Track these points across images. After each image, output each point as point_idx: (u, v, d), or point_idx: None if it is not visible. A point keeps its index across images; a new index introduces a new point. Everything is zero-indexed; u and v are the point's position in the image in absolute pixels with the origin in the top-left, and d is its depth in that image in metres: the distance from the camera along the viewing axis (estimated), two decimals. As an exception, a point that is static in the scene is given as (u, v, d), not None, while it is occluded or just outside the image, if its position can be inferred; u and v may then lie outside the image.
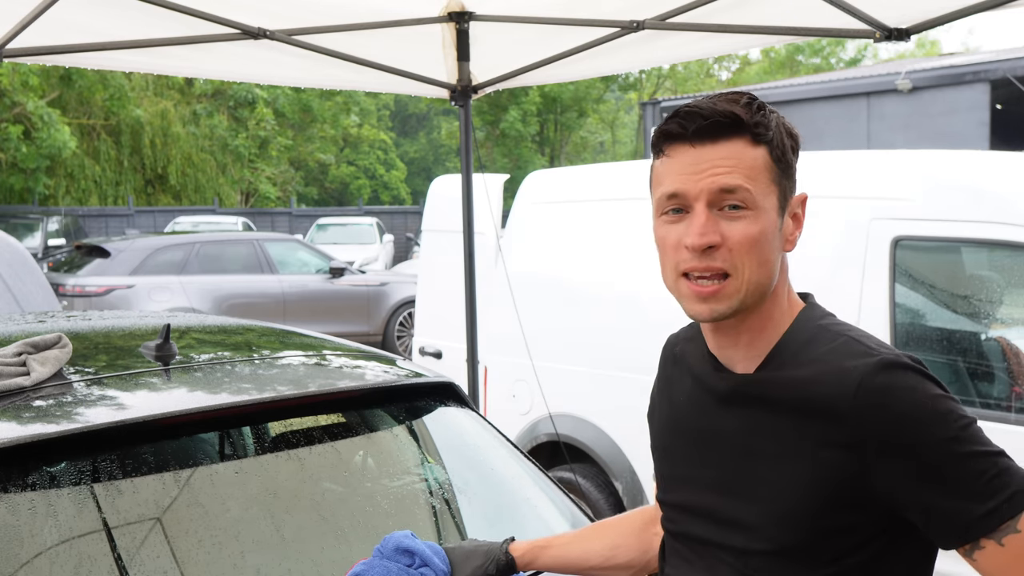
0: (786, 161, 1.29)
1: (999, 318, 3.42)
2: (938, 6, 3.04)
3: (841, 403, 1.20)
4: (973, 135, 13.99)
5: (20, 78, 19.93)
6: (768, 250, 1.26)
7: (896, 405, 1.18)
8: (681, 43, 3.61)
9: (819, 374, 1.23)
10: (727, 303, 1.26)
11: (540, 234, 4.74)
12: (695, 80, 36.38)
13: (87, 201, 23.31)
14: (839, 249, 3.59)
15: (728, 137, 1.25)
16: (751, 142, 1.25)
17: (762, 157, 1.26)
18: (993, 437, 1.22)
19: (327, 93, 28.67)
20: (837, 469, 1.21)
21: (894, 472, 1.19)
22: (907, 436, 1.18)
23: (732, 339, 1.32)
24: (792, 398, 1.25)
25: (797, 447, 1.24)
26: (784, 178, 1.29)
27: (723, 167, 1.24)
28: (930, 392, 1.20)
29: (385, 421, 2.28)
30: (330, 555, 1.92)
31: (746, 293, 1.26)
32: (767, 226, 1.25)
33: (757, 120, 1.25)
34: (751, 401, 1.29)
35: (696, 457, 1.36)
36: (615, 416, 4.22)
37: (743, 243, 1.24)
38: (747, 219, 1.24)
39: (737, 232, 1.24)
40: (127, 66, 3.73)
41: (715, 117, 1.24)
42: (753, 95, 1.29)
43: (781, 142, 1.28)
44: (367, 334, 11.09)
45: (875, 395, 1.18)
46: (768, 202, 1.26)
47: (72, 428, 1.75)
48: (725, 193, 1.24)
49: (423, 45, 3.78)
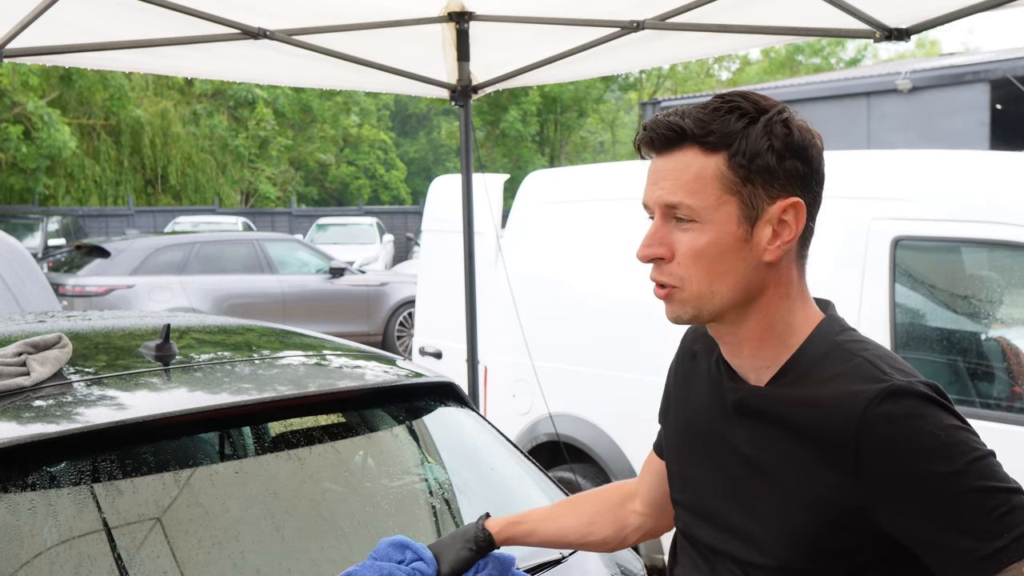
0: (755, 167, 1.21)
1: (999, 318, 3.42)
2: (938, 6, 3.04)
3: (845, 429, 1.17)
4: (973, 135, 13.99)
5: (20, 78, 19.93)
6: (722, 261, 1.22)
7: (900, 435, 1.14)
8: (681, 43, 3.61)
9: (827, 397, 1.20)
10: (680, 309, 1.27)
11: (540, 234, 4.74)
12: (695, 80, 36.37)
13: (87, 201, 23.30)
14: (839, 249, 3.59)
15: (678, 147, 1.24)
16: (701, 151, 1.22)
17: (713, 166, 1.22)
18: (993, 437, 1.21)
19: (327, 93, 28.67)
20: (839, 494, 1.19)
21: (895, 504, 1.16)
22: (910, 468, 1.14)
23: (734, 349, 1.31)
24: (798, 418, 1.22)
25: (801, 468, 1.22)
26: (748, 184, 1.22)
27: (666, 181, 1.24)
28: (940, 422, 1.15)
29: (385, 421, 2.28)
30: (330, 555, 1.92)
31: (701, 302, 1.25)
32: (718, 237, 1.22)
33: (711, 129, 1.21)
34: (760, 415, 1.28)
35: (708, 461, 1.35)
36: (615, 416, 4.22)
37: (687, 255, 1.23)
38: (694, 231, 1.23)
39: (683, 245, 1.24)
40: (127, 66, 3.73)
41: (661, 131, 1.24)
42: (742, 96, 1.25)
43: (748, 147, 1.21)
44: (367, 334, 11.08)
45: (879, 423, 1.15)
46: (721, 213, 1.22)
47: (72, 428, 1.75)
48: (668, 207, 1.24)
49: (423, 45, 3.78)
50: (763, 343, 1.28)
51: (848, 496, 1.18)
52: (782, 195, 1.23)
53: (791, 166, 1.23)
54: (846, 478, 1.18)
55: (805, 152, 1.24)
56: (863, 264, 3.51)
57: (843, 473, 1.18)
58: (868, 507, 1.18)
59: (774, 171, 1.22)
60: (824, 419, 1.19)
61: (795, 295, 1.29)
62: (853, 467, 1.17)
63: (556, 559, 2.03)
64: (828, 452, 1.19)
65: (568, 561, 2.05)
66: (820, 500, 1.20)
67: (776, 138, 1.22)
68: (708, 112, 1.23)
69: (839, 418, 1.18)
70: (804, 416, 1.22)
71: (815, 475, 1.20)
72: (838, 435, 1.18)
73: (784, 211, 1.23)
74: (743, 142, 1.21)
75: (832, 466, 1.19)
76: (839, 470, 1.18)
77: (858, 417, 1.16)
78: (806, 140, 1.24)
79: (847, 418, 1.17)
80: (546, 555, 2.02)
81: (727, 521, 1.31)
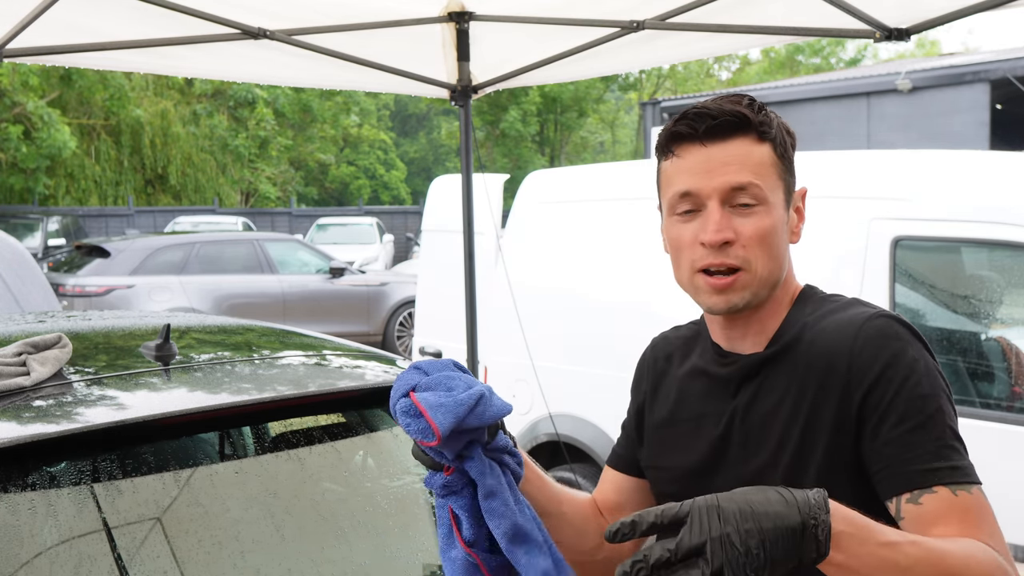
0: (788, 157, 1.35)
1: (999, 318, 3.42)
2: (938, 6, 3.04)
3: (841, 347, 1.26)
4: (973, 135, 13.99)
5: (20, 78, 19.93)
6: (778, 243, 1.32)
7: (888, 351, 1.24)
8: (681, 43, 3.61)
9: (824, 330, 1.30)
10: (740, 295, 1.31)
11: (540, 234, 4.74)
12: (695, 80, 36.37)
13: (87, 201, 23.30)
14: (839, 249, 3.59)
15: (736, 136, 1.30)
16: (757, 140, 1.31)
17: (768, 154, 1.31)
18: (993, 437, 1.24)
19: (327, 93, 28.67)
20: (834, 414, 1.25)
21: (873, 408, 1.23)
22: (894, 380, 1.22)
23: (743, 329, 1.37)
24: (799, 356, 1.30)
25: (800, 399, 1.28)
26: (787, 173, 1.35)
27: (734, 165, 1.29)
28: (921, 352, 1.25)
29: (385, 421, 2.28)
30: (330, 555, 1.92)
31: (759, 285, 1.31)
32: (777, 220, 1.31)
33: (761, 119, 1.31)
34: (757, 375, 1.34)
35: (693, 444, 1.39)
36: (615, 416, 4.21)
37: (755, 238, 1.29)
38: (758, 214, 1.29)
39: (749, 227, 1.29)
40: (127, 66, 3.73)
41: (724, 116, 1.30)
42: (752, 97, 1.36)
43: (783, 139, 1.34)
44: (367, 334, 11.09)
45: (871, 340, 1.24)
46: (776, 197, 1.32)
47: (72, 428, 1.75)
48: (737, 191, 1.29)
49: (423, 45, 3.78)
50: (768, 320, 1.36)
51: (836, 415, 1.25)
52: (796, 183, 1.38)
53: (794, 157, 1.39)
54: (838, 394, 1.25)
55: (795, 146, 1.39)
56: (863, 264, 3.51)
57: (836, 389, 1.25)
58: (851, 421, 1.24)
59: (792, 162, 1.37)
60: (823, 347, 1.28)
61: (792, 273, 1.41)
62: (845, 380, 1.25)
63: (556, 559, 2.03)
64: (827, 375, 1.26)
65: (568, 561, 2.04)
66: (812, 433, 1.26)
67: (788, 133, 1.36)
68: (747, 105, 1.33)
69: (837, 340, 1.27)
70: (804, 352, 1.30)
71: (810, 407, 1.27)
72: (836, 355, 1.26)
73: (801, 198, 1.39)
74: (780, 134, 1.34)
75: (826, 388, 1.26)
76: (833, 388, 1.26)
77: (852, 334, 1.26)
78: (794, 136, 1.39)
79: (843, 337, 1.27)
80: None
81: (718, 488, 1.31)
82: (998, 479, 3.18)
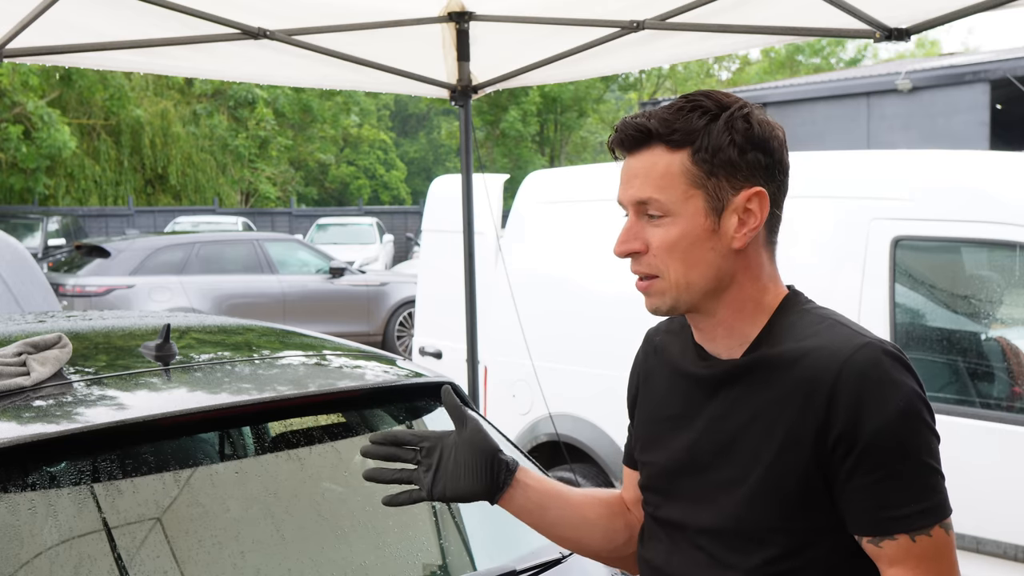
0: (718, 160, 1.28)
1: (999, 318, 3.42)
2: (938, 6, 3.04)
3: (824, 379, 1.23)
4: (973, 135, 13.99)
5: (20, 78, 19.92)
6: (694, 252, 1.30)
7: (873, 390, 1.21)
8: (681, 43, 3.61)
9: (807, 354, 1.26)
10: (660, 299, 1.34)
11: (540, 234, 4.74)
12: (695, 80, 36.35)
13: (87, 201, 23.30)
14: (839, 249, 3.59)
15: (645, 147, 1.32)
16: (667, 149, 1.30)
17: (679, 162, 1.29)
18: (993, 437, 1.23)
19: (327, 93, 28.66)
20: (804, 446, 1.24)
21: (847, 449, 1.22)
22: (875, 422, 1.20)
23: (709, 332, 1.37)
24: (776, 375, 1.28)
25: (771, 425, 1.27)
26: (713, 177, 1.29)
27: (637, 179, 1.32)
28: (908, 388, 1.23)
29: (385, 421, 2.28)
30: (330, 555, 1.92)
31: (678, 291, 1.31)
32: (688, 229, 1.29)
33: (675, 128, 1.29)
34: (735, 383, 1.33)
35: (674, 443, 1.39)
36: (615, 416, 4.22)
37: (661, 248, 1.31)
38: (664, 225, 1.30)
39: (656, 238, 1.31)
40: (127, 66, 3.73)
41: (628, 132, 1.32)
42: (704, 96, 1.31)
43: (710, 143, 1.28)
44: (367, 334, 11.08)
45: (855, 376, 1.22)
46: (689, 207, 1.29)
47: (72, 428, 1.75)
48: (642, 203, 1.32)
49: (423, 45, 3.78)
50: (735, 325, 1.34)
51: (812, 446, 1.24)
52: (746, 185, 1.30)
53: (753, 158, 1.30)
54: (814, 426, 1.23)
55: (766, 144, 1.31)
56: (863, 264, 3.51)
57: (813, 421, 1.23)
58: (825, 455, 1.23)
59: (736, 164, 1.29)
60: (802, 372, 1.25)
61: (766, 279, 1.36)
62: (824, 415, 1.23)
63: (556, 559, 2.03)
64: (804, 402, 1.24)
65: (568, 561, 2.05)
66: (784, 456, 1.25)
67: (737, 133, 1.29)
68: (673, 112, 1.31)
69: (819, 368, 1.24)
70: (782, 373, 1.28)
71: (785, 431, 1.26)
72: (817, 385, 1.23)
73: (748, 200, 1.30)
74: (705, 138, 1.29)
75: (803, 416, 1.24)
76: (810, 419, 1.24)
77: (836, 368, 1.23)
78: (766, 133, 1.31)
79: (825, 368, 1.23)
80: (546, 555, 2.03)
81: (691, 493, 1.35)
82: (998, 479, 3.18)
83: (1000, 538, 3.08)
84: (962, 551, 3.11)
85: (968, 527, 3.09)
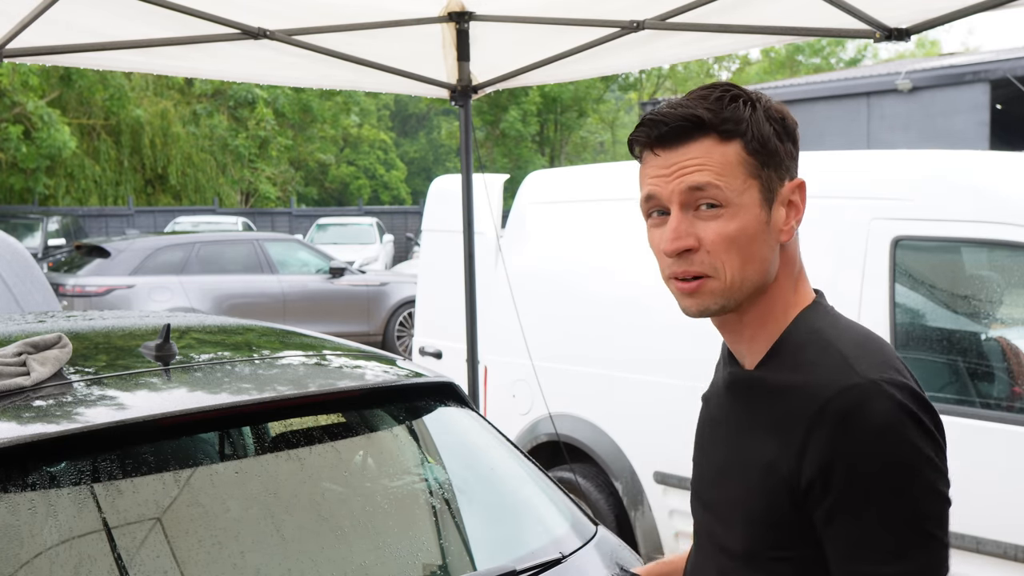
0: (767, 151, 1.25)
1: (999, 318, 3.42)
2: (938, 6, 3.04)
3: (800, 420, 1.18)
4: (973, 135, 13.99)
5: (20, 78, 19.92)
6: (752, 246, 1.23)
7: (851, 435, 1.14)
8: (681, 43, 3.61)
9: (795, 386, 1.22)
10: (711, 299, 1.25)
11: (540, 234, 4.74)
12: (695, 80, 36.33)
13: (87, 201, 23.29)
14: (839, 249, 3.59)
15: (694, 139, 1.24)
16: (719, 140, 1.23)
17: (734, 153, 1.23)
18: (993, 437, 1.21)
19: (327, 93, 28.65)
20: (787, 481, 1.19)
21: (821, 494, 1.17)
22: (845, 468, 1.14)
23: (736, 335, 1.32)
24: (768, 402, 1.25)
25: (762, 451, 1.23)
26: (765, 168, 1.25)
27: (691, 166, 1.23)
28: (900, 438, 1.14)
29: (385, 421, 2.28)
30: (330, 555, 1.92)
31: (732, 290, 1.24)
32: (747, 222, 1.23)
33: (725, 117, 1.23)
34: (743, 396, 1.31)
35: (708, 447, 1.38)
36: (615, 416, 4.22)
37: (719, 243, 1.22)
38: (722, 217, 1.22)
39: (712, 232, 1.22)
40: (127, 66, 3.73)
41: (677, 122, 1.23)
42: (729, 86, 1.27)
43: (758, 132, 1.24)
44: (367, 334, 11.08)
45: (834, 420, 1.15)
46: (746, 197, 1.23)
47: (72, 428, 1.75)
48: (696, 191, 1.23)
49: (423, 45, 3.78)
50: (763, 326, 1.29)
51: (787, 485, 1.19)
52: (788, 176, 1.28)
53: (788, 148, 1.28)
54: (788, 466, 1.19)
55: (795, 135, 1.30)
56: (863, 264, 3.51)
57: (788, 460, 1.19)
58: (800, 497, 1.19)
59: (780, 154, 1.27)
60: (789, 406, 1.21)
61: (795, 274, 1.32)
62: (798, 458, 1.18)
63: (556, 559, 2.03)
64: (784, 439, 1.20)
65: (567, 561, 2.04)
66: (767, 487, 1.21)
67: (776, 123, 1.27)
68: (714, 101, 1.24)
69: (802, 405, 1.19)
70: (774, 400, 1.24)
71: (772, 460, 1.21)
72: (794, 422, 1.19)
73: (793, 191, 1.29)
74: (755, 127, 1.24)
75: (782, 453, 1.20)
76: (786, 457, 1.19)
77: (815, 410, 1.17)
78: (793, 123, 1.30)
79: (806, 408, 1.18)
80: (545, 555, 2.02)
81: (713, 505, 1.34)
82: (998, 479, 3.18)
83: (1000, 538, 3.08)
84: (962, 551, 3.11)
85: (968, 527, 3.09)
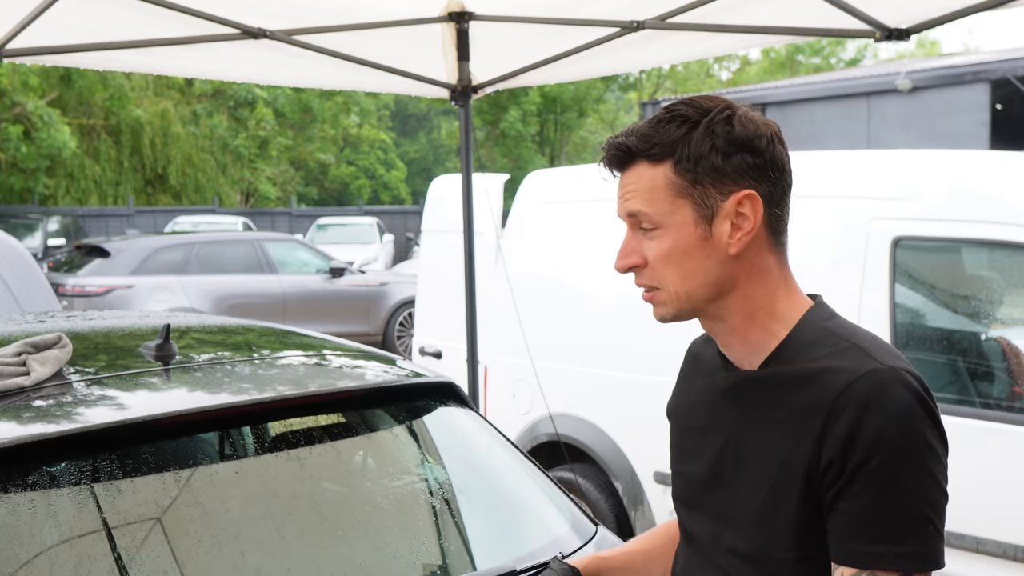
0: (702, 168, 1.27)
1: (999, 318, 3.42)
2: (938, 6, 3.04)
3: (822, 402, 1.20)
4: (973, 135, 13.99)
5: (20, 78, 19.93)
6: (688, 261, 1.29)
7: (868, 422, 1.17)
8: (681, 43, 3.61)
9: (812, 373, 1.24)
10: (664, 309, 1.34)
11: (540, 234, 4.74)
12: (695, 80, 36.35)
13: (87, 201, 23.30)
14: (839, 249, 3.59)
15: (629, 165, 1.33)
16: (649, 164, 1.30)
17: (662, 175, 1.29)
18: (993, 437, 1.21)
19: (327, 93, 28.65)
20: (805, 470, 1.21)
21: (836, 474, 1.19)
22: (866, 454, 1.17)
23: (726, 340, 1.36)
24: (784, 394, 1.26)
25: (778, 445, 1.25)
26: (699, 186, 1.28)
27: (628, 192, 1.33)
28: (914, 425, 1.17)
29: (385, 421, 2.28)
30: (330, 555, 1.92)
31: (680, 301, 1.32)
32: (679, 240, 1.29)
33: (654, 142, 1.29)
34: (749, 397, 1.31)
35: (700, 453, 1.38)
36: (615, 416, 4.22)
37: (657, 260, 1.31)
38: (657, 238, 1.31)
39: (651, 251, 1.32)
40: (127, 66, 3.74)
41: (612, 152, 1.34)
42: (686, 105, 1.30)
43: (690, 152, 1.27)
44: (367, 334, 11.08)
45: (851, 406, 1.18)
46: (677, 217, 1.29)
47: (72, 428, 1.75)
48: (631, 216, 1.33)
49: (423, 45, 3.78)
50: (749, 331, 1.32)
51: (806, 473, 1.21)
52: (735, 189, 1.28)
53: (739, 160, 1.27)
54: (809, 453, 1.21)
55: (752, 144, 1.28)
56: (863, 264, 3.51)
57: (809, 447, 1.21)
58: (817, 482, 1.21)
59: (721, 169, 1.27)
60: (807, 393, 1.23)
61: (775, 282, 1.32)
62: (819, 443, 1.20)
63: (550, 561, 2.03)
64: (803, 427, 1.22)
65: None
66: (785, 481, 1.23)
67: (718, 137, 1.27)
68: (652, 125, 1.31)
69: (820, 392, 1.21)
70: (788, 392, 1.26)
71: (790, 454, 1.23)
72: (816, 409, 1.21)
73: (739, 204, 1.28)
74: (686, 148, 1.28)
75: (802, 442, 1.22)
76: (806, 445, 1.21)
77: (837, 393, 1.19)
78: (751, 132, 1.28)
79: (827, 393, 1.20)
80: (545, 555, 2.02)
81: (713, 509, 1.34)
82: (998, 479, 3.18)
83: (1000, 538, 3.08)
84: (962, 551, 3.11)
85: (968, 527, 3.09)
